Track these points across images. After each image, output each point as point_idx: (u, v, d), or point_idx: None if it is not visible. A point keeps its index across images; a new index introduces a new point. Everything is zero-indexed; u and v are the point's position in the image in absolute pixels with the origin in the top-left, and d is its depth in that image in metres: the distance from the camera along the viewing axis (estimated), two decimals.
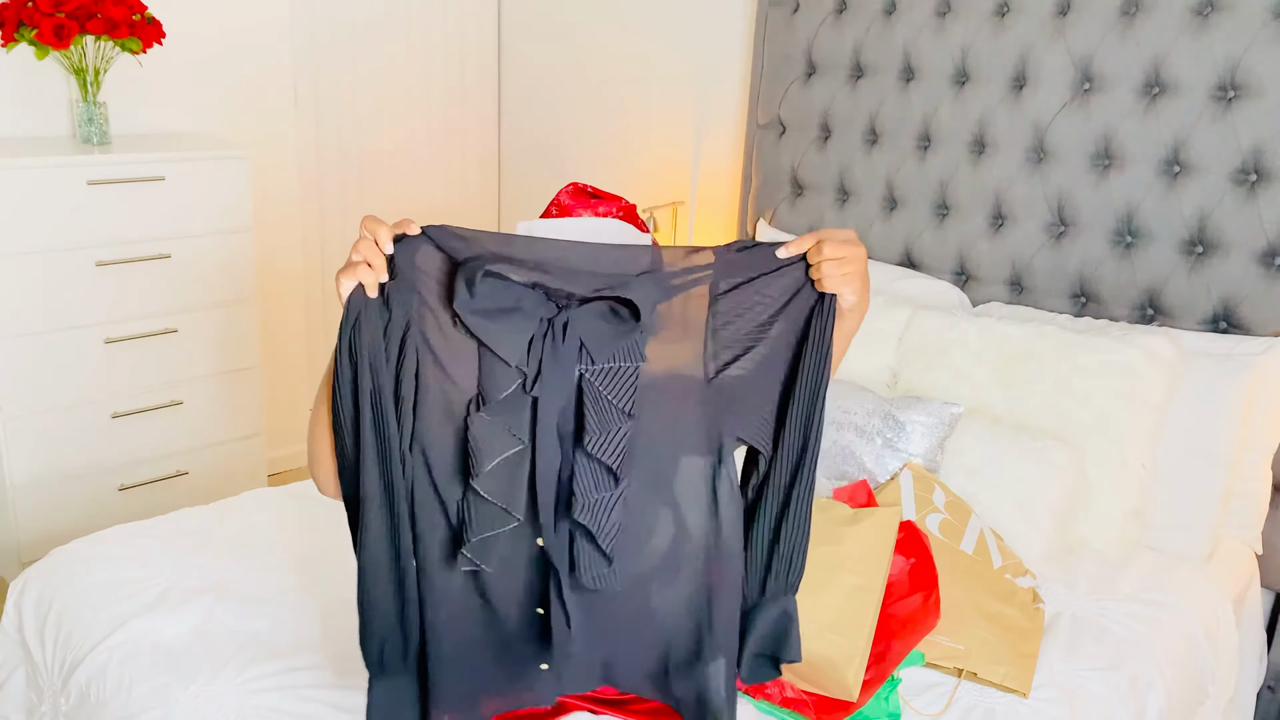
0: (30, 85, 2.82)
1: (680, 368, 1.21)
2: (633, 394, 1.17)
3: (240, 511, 2.08)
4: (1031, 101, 2.39)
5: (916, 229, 2.63)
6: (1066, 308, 2.41)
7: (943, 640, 1.68)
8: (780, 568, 1.25)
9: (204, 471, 3.01)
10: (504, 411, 1.16)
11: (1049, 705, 1.61)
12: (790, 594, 1.27)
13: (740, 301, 1.22)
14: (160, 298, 2.80)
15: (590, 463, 1.17)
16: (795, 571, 1.25)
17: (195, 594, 1.77)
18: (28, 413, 2.66)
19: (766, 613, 1.26)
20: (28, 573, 1.86)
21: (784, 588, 1.26)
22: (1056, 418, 2.09)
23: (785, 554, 1.24)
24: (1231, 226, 2.17)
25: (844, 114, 2.73)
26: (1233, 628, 2.01)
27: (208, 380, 2.96)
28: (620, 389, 1.17)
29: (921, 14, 2.55)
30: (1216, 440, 2.08)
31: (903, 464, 2.04)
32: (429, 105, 3.68)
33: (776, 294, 1.22)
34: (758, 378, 1.23)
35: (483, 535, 1.17)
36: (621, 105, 3.44)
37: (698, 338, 1.21)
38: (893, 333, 2.37)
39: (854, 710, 1.53)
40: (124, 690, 1.55)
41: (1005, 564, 1.89)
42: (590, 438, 1.15)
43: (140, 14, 2.68)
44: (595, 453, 1.15)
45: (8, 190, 2.50)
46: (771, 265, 1.21)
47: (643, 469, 1.21)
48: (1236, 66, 2.12)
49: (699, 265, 1.20)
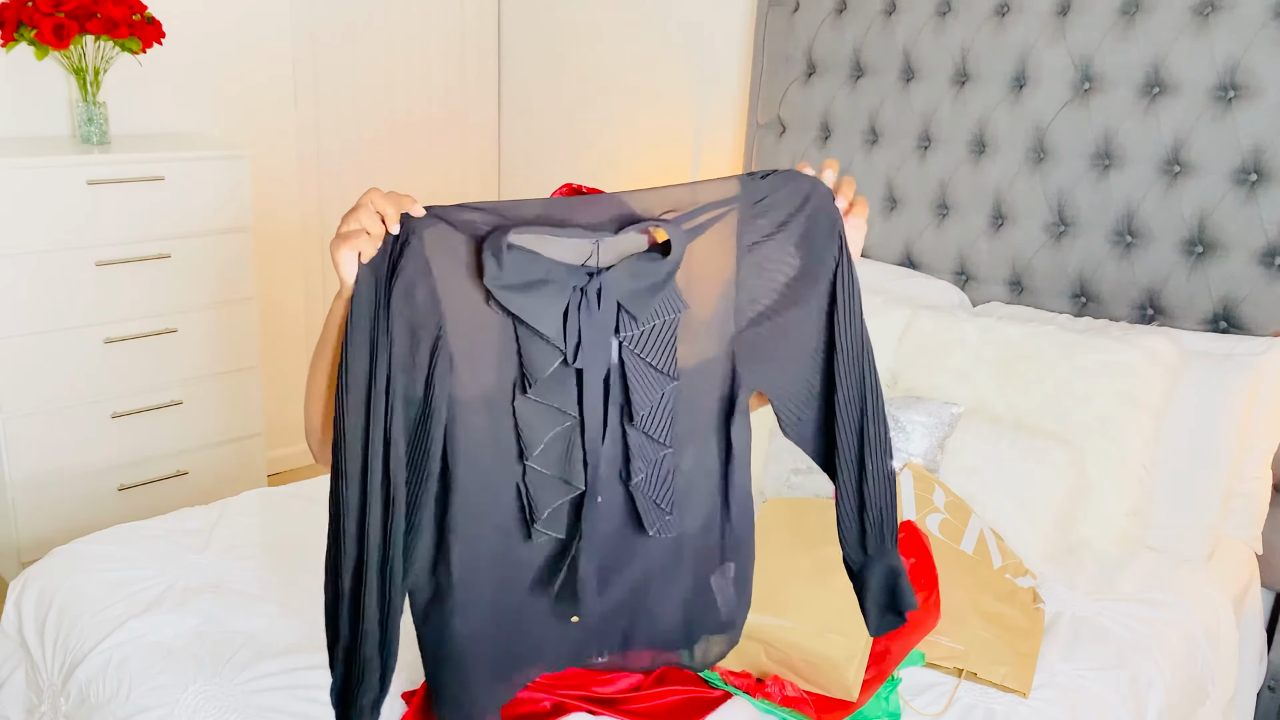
0: (30, 85, 2.82)
1: (711, 317, 1.22)
2: (673, 353, 1.18)
3: (240, 511, 2.08)
4: (1031, 101, 2.39)
5: (916, 229, 2.63)
6: (1066, 308, 2.41)
7: (943, 640, 1.68)
8: (873, 530, 1.29)
9: (204, 471, 3.01)
10: (550, 390, 1.16)
11: (1049, 705, 1.61)
12: (892, 548, 1.31)
13: (768, 255, 1.22)
14: (160, 298, 2.80)
15: (640, 434, 1.20)
16: (889, 527, 1.30)
17: (195, 594, 1.77)
18: (28, 413, 2.66)
19: (874, 571, 1.31)
20: (28, 573, 1.86)
21: (882, 546, 1.30)
22: (1056, 418, 2.09)
23: (875, 517, 1.28)
24: (1231, 226, 2.17)
25: (844, 114, 2.73)
26: (1233, 628, 2.01)
27: (208, 380, 2.96)
28: (662, 350, 1.18)
29: (921, 14, 2.55)
30: (1216, 440, 2.08)
31: (903, 464, 2.04)
32: (429, 105, 3.68)
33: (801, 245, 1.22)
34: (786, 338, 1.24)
35: (551, 507, 1.19)
36: (621, 104, 3.44)
37: (729, 286, 1.22)
38: (893, 333, 2.37)
39: (854, 710, 1.53)
40: (124, 690, 1.55)
41: (1005, 564, 1.89)
42: (639, 412, 1.18)
43: (140, 14, 2.68)
44: (644, 428, 1.19)
45: (8, 190, 2.50)
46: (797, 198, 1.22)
47: (682, 418, 1.23)
48: (1236, 66, 2.12)
49: (723, 199, 1.19)
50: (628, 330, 1.16)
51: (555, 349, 1.15)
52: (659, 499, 1.23)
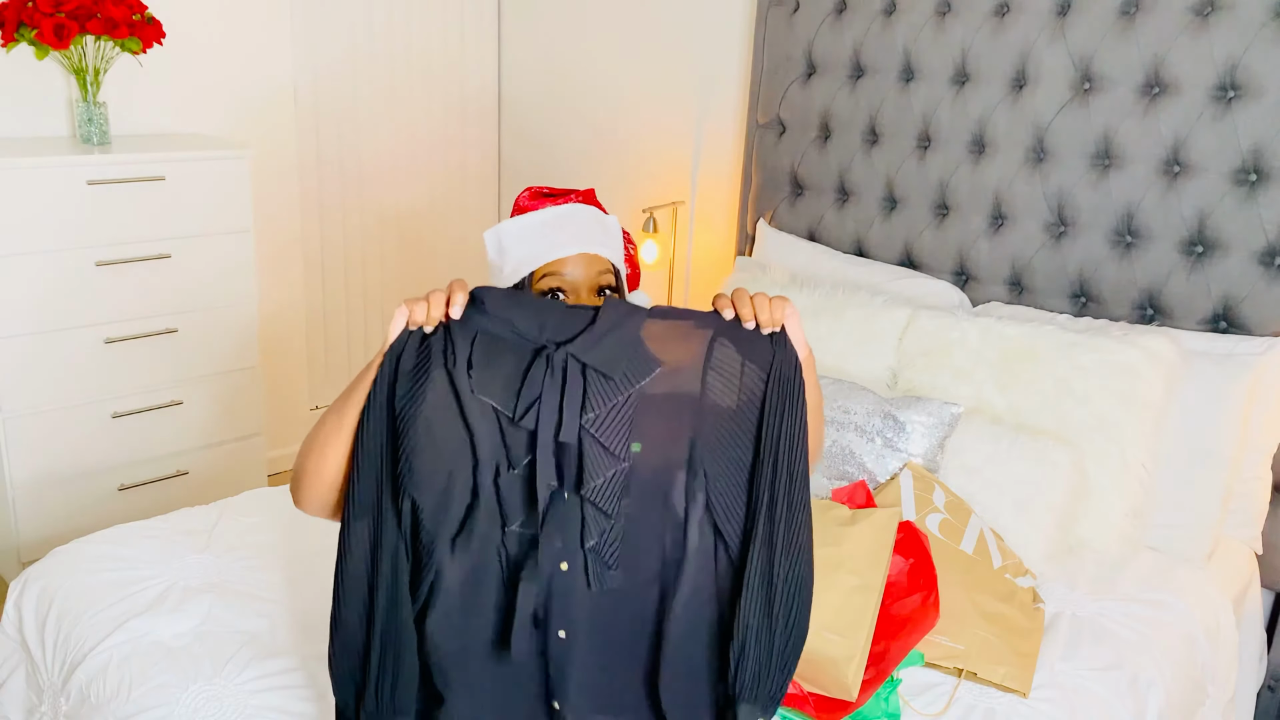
0: (30, 85, 2.82)
1: (678, 387, 1.22)
2: (628, 435, 1.19)
3: (240, 511, 2.08)
4: (1031, 101, 2.39)
5: (916, 229, 2.63)
6: (1066, 308, 2.41)
7: (943, 640, 1.69)
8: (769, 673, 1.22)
9: (204, 471, 3.01)
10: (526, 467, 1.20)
11: (1049, 705, 1.61)
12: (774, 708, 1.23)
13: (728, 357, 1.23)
14: (160, 298, 2.80)
15: (588, 505, 1.20)
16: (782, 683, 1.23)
17: (195, 594, 1.77)
18: (28, 413, 2.66)
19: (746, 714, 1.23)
20: (28, 573, 1.86)
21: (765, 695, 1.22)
22: (1056, 418, 2.10)
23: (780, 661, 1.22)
24: (1231, 226, 2.17)
25: (844, 114, 2.73)
26: (1233, 628, 2.01)
27: (208, 380, 2.96)
28: (617, 431, 1.19)
29: (921, 14, 2.55)
30: (1216, 440, 2.08)
31: (903, 464, 2.04)
32: (429, 104, 3.69)
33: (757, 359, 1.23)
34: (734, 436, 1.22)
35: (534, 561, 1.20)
36: (622, 105, 3.44)
37: (697, 362, 1.22)
38: (893, 333, 2.37)
39: (853, 710, 1.53)
40: (124, 690, 1.55)
41: (1005, 564, 1.89)
42: (588, 485, 1.18)
43: (140, 14, 2.68)
44: (593, 498, 1.19)
45: (8, 190, 2.50)
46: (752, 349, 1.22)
47: (640, 484, 1.22)
48: (1236, 66, 2.12)
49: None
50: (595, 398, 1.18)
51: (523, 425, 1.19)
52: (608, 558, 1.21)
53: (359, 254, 3.64)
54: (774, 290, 2.53)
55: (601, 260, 1.35)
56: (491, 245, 1.38)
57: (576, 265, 1.33)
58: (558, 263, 1.33)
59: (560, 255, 1.33)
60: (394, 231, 3.69)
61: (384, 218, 3.67)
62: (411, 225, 3.71)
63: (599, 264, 1.35)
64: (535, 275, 1.33)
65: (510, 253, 1.35)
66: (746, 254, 3.03)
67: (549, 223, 1.35)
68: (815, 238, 2.83)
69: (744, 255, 3.00)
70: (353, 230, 3.60)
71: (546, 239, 1.34)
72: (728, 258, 3.20)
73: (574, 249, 1.33)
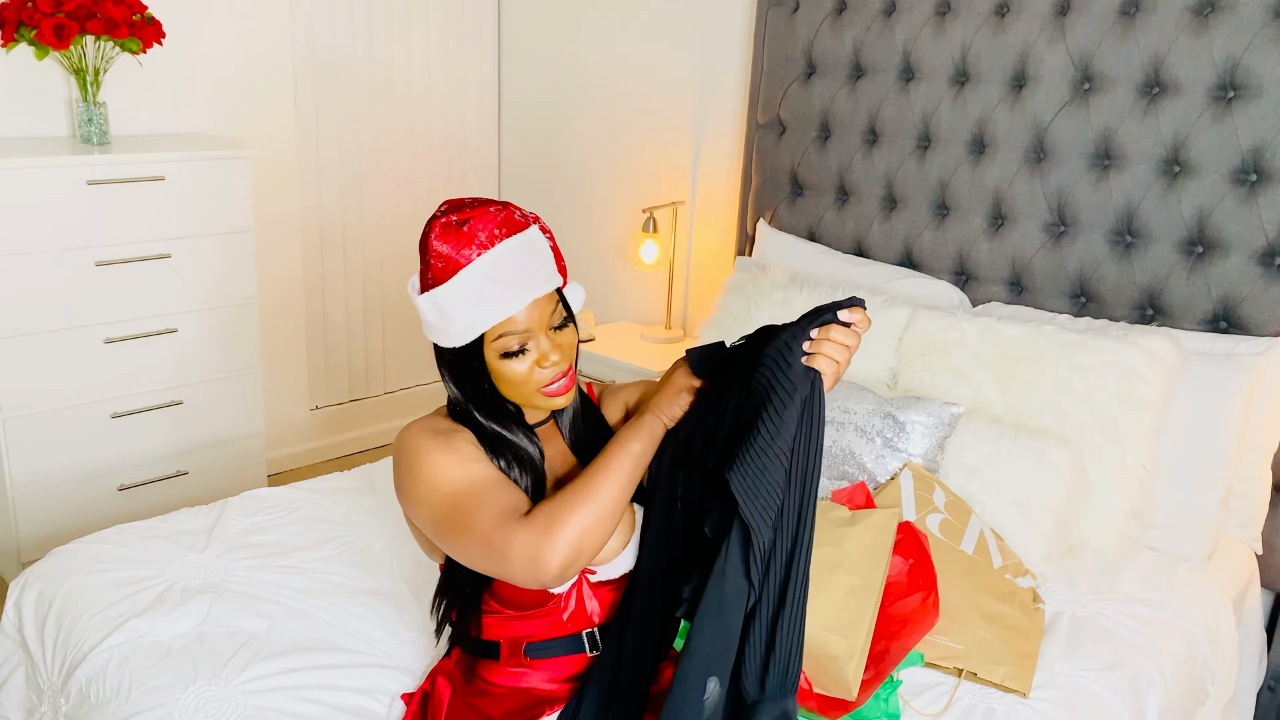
0: (30, 85, 2.82)
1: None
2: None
3: (240, 511, 2.08)
4: (1031, 101, 2.39)
5: (916, 229, 2.63)
6: (1066, 308, 2.41)
7: (942, 640, 1.68)
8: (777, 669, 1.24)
9: (204, 471, 3.01)
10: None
11: (1049, 705, 1.61)
12: (791, 691, 1.25)
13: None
14: (160, 298, 2.80)
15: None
16: (793, 670, 1.24)
17: (195, 594, 1.77)
18: (28, 413, 2.66)
19: (766, 712, 1.24)
20: (28, 573, 1.86)
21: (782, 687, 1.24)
22: (1056, 418, 2.09)
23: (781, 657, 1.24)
24: (1231, 226, 2.17)
25: (844, 114, 2.73)
26: (1233, 628, 2.01)
27: (208, 380, 2.96)
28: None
29: (921, 14, 2.55)
30: (1216, 440, 2.08)
31: (903, 464, 2.04)
32: (429, 105, 3.69)
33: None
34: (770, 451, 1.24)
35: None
36: (622, 105, 3.44)
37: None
38: (893, 333, 2.37)
39: (852, 709, 1.53)
40: (124, 690, 1.55)
41: (1005, 564, 1.88)
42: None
43: (140, 14, 2.68)
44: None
45: (8, 190, 2.50)
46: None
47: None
48: (1236, 66, 2.12)
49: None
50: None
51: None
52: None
53: (359, 254, 3.64)
54: (774, 290, 2.53)
55: (550, 296, 1.32)
56: (428, 309, 1.32)
57: (529, 314, 1.30)
58: (508, 321, 1.29)
59: (510, 313, 1.29)
60: (394, 231, 3.69)
61: (384, 218, 3.67)
62: (411, 225, 3.71)
63: (549, 301, 1.32)
64: (488, 337, 1.30)
65: (454, 317, 1.30)
66: (746, 254, 3.03)
67: (488, 275, 1.28)
68: (815, 238, 2.83)
69: (744, 255, 3.00)
70: (353, 229, 3.60)
71: (487, 297, 1.28)
72: (728, 258, 3.21)
73: (523, 301, 1.29)
